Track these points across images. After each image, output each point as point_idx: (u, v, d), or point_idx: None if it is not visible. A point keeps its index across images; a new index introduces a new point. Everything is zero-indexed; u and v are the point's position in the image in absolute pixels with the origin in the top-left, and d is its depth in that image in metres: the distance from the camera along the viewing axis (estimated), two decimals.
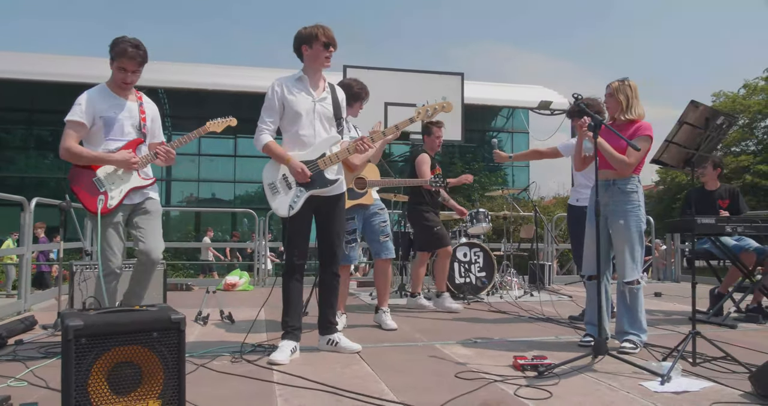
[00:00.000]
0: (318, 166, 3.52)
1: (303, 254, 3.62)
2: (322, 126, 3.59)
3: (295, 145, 3.57)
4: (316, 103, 3.58)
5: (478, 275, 6.42)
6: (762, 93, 27.56)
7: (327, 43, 3.49)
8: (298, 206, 3.50)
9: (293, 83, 3.60)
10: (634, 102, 3.74)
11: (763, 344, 3.98)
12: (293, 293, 3.59)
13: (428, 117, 3.72)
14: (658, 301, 6.62)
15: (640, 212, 3.71)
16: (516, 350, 3.72)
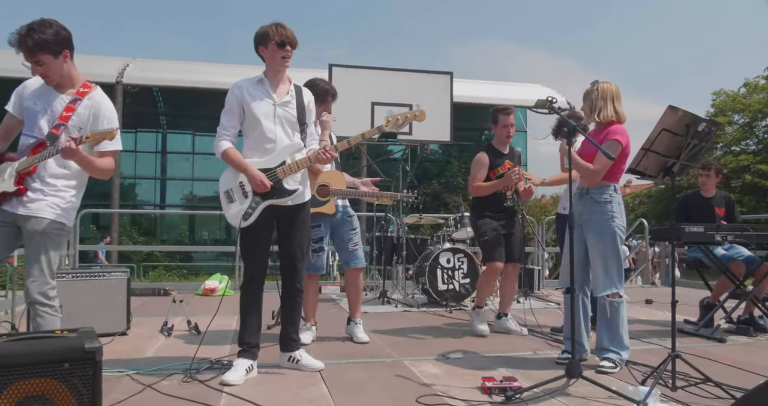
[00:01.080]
0: (276, 174, 3.30)
1: (262, 266, 3.41)
2: (284, 132, 3.37)
3: (254, 152, 3.35)
4: (277, 107, 3.36)
5: (461, 282, 6.20)
6: (762, 92, 27.30)
7: (282, 42, 3.26)
8: (253, 216, 3.29)
9: (253, 86, 3.37)
10: (602, 104, 3.54)
11: (751, 361, 3.76)
12: (251, 307, 3.38)
13: (398, 126, 3.49)
14: (648, 309, 6.41)
15: (614, 223, 3.48)
16: (489, 368, 3.52)
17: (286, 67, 3.35)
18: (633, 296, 7.43)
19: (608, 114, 3.53)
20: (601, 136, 3.49)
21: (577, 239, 3.62)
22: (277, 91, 3.38)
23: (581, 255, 3.62)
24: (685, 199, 5.50)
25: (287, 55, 3.29)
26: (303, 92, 3.48)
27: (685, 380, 3.16)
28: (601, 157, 3.37)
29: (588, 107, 3.60)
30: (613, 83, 3.62)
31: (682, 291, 7.87)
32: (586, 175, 3.48)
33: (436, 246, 6.47)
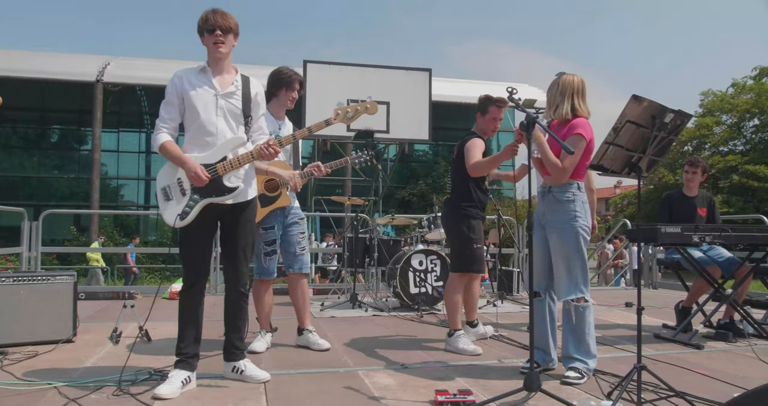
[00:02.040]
0: (216, 170, 3.06)
1: (202, 270, 3.16)
2: (227, 124, 3.11)
3: (195, 146, 3.10)
4: (219, 98, 3.11)
5: (434, 285, 5.96)
6: (750, 92, 27.24)
7: (211, 28, 3.03)
8: (190, 215, 3.04)
9: (195, 75, 3.13)
10: (559, 100, 3.31)
11: (727, 370, 3.55)
12: (189, 314, 3.14)
13: (348, 119, 3.25)
14: (627, 312, 6.19)
15: (577, 224, 3.25)
16: (447, 379, 3.29)
17: (221, 53, 3.09)
18: (614, 298, 7.24)
19: (564, 112, 3.29)
20: (564, 131, 3.27)
21: (542, 241, 3.40)
22: (220, 81, 3.14)
23: (546, 257, 3.40)
24: (669, 197, 5.29)
25: (218, 40, 3.04)
26: (251, 83, 3.23)
27: (655, 392, 2.94)
28: (567, 154, 3.14)
29: (548, 102, 3.37)
30: (579, 77, 3.37)
31: (666, 294, 7.71)
32: (554, 172, 3.25)
33: (407, 248, 6.23)
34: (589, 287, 3.32)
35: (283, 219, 4.04)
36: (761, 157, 25.25)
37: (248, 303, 3.34)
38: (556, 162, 3.18)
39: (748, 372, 3.51)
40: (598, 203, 31.03)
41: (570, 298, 3.26)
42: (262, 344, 3.99)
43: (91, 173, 18.86)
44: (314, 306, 6.16)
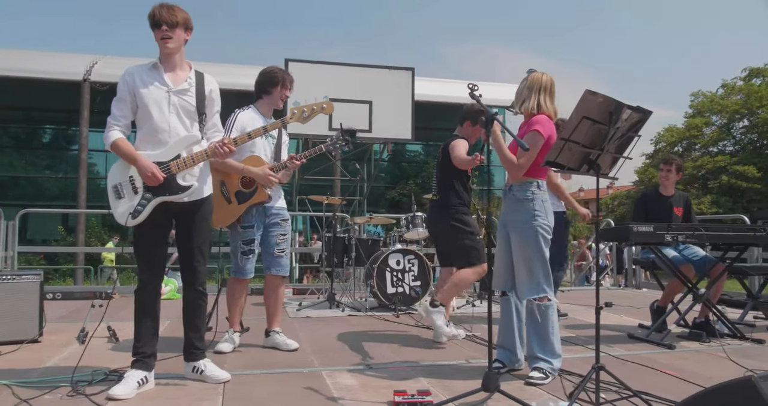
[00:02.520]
0: (170, 169, 3.01)
1: (156, 269, 3.12)
2: (180, 122, 3.06)
3: (147, 144, 3.05)
4: (171, 95, 3.05)
5: (411, 285, 5.93)
6: (740, 93, 27.34)
7: (157, 23, 2.98)
8: (142, 214, 2.99)
9: (147, 72, 3.07)
10: (526, 94, 3.31)
11: (696, 370, 3.52)
12: (144, 313, 3.09)
13: (304, 119, 3.21)
14: (605, 312, 6.15)
15: (536, 223, 3.22)
16: (410, 379, 3.26)
17: (169, 49, 3.03)
18: (593, 298, 7.20)
19: (530, 106, 3.29)
20: (525, 128, 3.25)
21: (506, 240, 3.37)
22: (172, 78, 3.08)
23: (510, 256, 3.37)
24: (645, 196, 5.27)
25: (165, 35, 2.99)
26: (205, 80, 3.18)
27: (618, 392, 2.91)
28: (524, 151, 3.11)
29: (515, 97, 3.35)
30: (549, 76, 3.36)
31: (649, 294, 7.70)
32: (509, 169, 3.22)
33: (385, 248, 6.19)
34: (551, 286, 3.29)
35: (265, 219, 3.98)
36: (750, 158, 25.36)
37: (207, 302, 3.29)
38: (511, 158, 3.15)
39: (717, 372, 3.48)
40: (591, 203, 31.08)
41: (532, 297, 3.23)
42: (229, 344, 3.94)
43: (78, 173, 18.73)
44: (292, 306, 6.13)
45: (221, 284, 4.83)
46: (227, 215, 3.87)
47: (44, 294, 4.39)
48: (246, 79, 13.97)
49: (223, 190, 3.85)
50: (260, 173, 3.75)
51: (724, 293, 6.42)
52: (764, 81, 27.65)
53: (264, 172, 3.75)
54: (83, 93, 18.02)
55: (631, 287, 8.95)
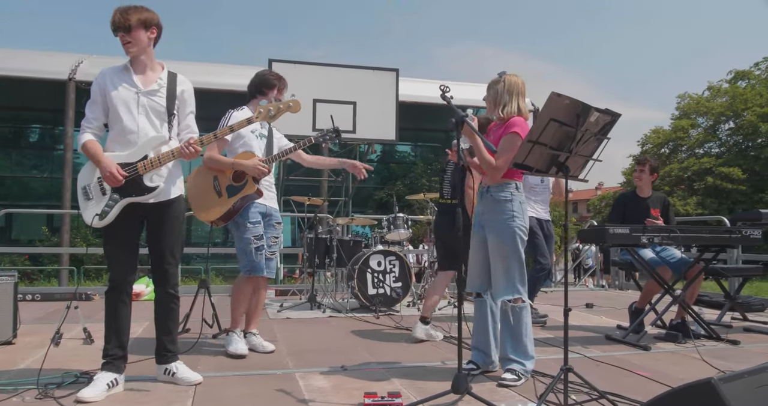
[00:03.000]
0: (137, 169, 2.99)
1: (126, 270, 3.07)
2: (149, 123, 3.04)
3: (117, 145, 3.04)
4: (141, 96, 3.04)
5: (393, 286, 5.92)
6: (725, 95, 27.58)
7: (113, 29, 2.97)
8: (110, 215, 2.97)
9: (117, 74, 3.06)
10: (507, 99, 3.31)
11: (669, 371, 3.54)
12: (115, 315, 3.05)
13: (270, 118, 3.19)
14: (586, 313, 6.20)
15: (514, 224, 3.23)
16: (385, 379, 3.26)
17: (131, 53, 3.02)
18: (576, 299, 7.23)
19: (512, 110, 3.31)
20: (501, 131, 3.27)
21: (482, 241, 3.37)
22: (142, 79, 3.07)
23: (487, 257, 3.38)
24: (622, 197, 5.30)
25: (124, 40, 2.98)
26: (177, 80, 3.16)
27: (588, 394, 2.92)
28: (503, 152, 3.13)
29: (492, 100, 3.35)
30: (521, 77, 3.38)
31: (631, 295, 7.74)
32: (488, 171, 3.23)
33: (366, 249, 6.18)
34: (526, 288, 3.30)
35: (267, 217, 4.04)
36: (735, 160, 25.59)
37: (179, 305, 3.26)
38: (489, 160, 3.16)
39: (690, 373, 3.50)
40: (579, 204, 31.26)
41: (506, 298, 3.24)
42: (243, 345, 3.91)
43: (63, 173, 18.58)
44: (273, 307, 6.11)
45: (200, 285, 4.83)
46: (217, 208, 3.85)
47: (18, 295, 4.34)
48: (229, 78, 13.91)
49: (215, 184, 3.87)
50: (250, 164, 3.75)
51: (703, 294, 6.47)
52: (749, 84, 27.95)
53: (253, 163, 3.76)
54: (68, 92, 17.89)
55: (614, 287, 9.00)
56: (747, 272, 5.66)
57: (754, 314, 5.88)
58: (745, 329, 5.09)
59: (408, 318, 5.46)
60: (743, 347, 4.34)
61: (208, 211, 3.85)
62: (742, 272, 5.67)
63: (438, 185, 4.52)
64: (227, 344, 3.90)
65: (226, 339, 3.95)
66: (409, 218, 6.34)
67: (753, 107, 25.62)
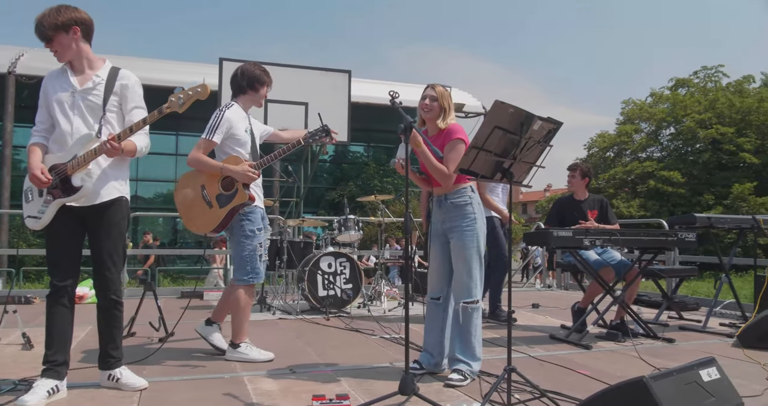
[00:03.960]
0: (66, 170, 2.93)
1: (66, 274, 2.98)
2: (84, 123, 2.98)
3: (55, 146, 3.00)
4: (76, 96, 2.97)
5: (343, 288, 5.94)
6: (667, 102, 28.65)
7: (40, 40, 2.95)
8: (44, 217, 2.92)
9: (57, 76, 3.02)
10: (447, 109, 3.42)
11: (608, 370, 3.68)
12: (55, 321, 2.97)
13: (180, 106, 3.02)
14: (533, 313, 6.36)
15: (477, 226, 3.34)
16: (334, 381, 3.28)
17: (63, 60, 2.99)
18: (523, 300, 7.41)
19: (449, 120, 3.43)
20: (442, 139, 3.37)
21: (441, 249, 3.44)
22: (79, 78, 3.01)
23: (446, 263, 3.45)
24: (559, 202, 5.48)
25: (52, 50, 2.94)
26: (119, 75, 3.06)
27: (532, 393, 3.01)
28: (452, 159, 3.20)
29: (438, 110, 3.42)
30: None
31: (575, 295, 7.97)
32: (441, 179, 3.30)
33: (317, 251, 6.18)
34: (481, 289, 3.39)
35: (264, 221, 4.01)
36: (675, 164, 26.61)
37: (122, 310, 3.17)
38: (441, 168, 3.23)
39: (628, 371, 3.64)
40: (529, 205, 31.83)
41: (468, 300, 3.31)
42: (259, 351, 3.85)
43: (2, 170, 17.86)
44: None
45: (146, 288, 4.73)
46: (210, 220, 3.74)
47: None
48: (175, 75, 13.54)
49: (204, 194, 3.76)
50: (239, 170, 3.65)
51: (642, 294, 6.75)
52: (689, 91, 29.13)
53: (243, 169, 3.65)
54: (8, 86, 17.18)
55: (560, 288, 9.24)
56: (683, 272, 5.92)
57: (690, 313, 6.17)
58: (681, 328, 5.32)
59: (358, 320, 5.50)
60: (678, 345, 4.55)
61: (200, 223, 3.76)
62: (679, 272, 5.92)
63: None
64: (245, 356, 3.79)
65: (240, 353, 3.82)
66: (360, 219, 6.37)
67: (692, 114, 26.70)
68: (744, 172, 25.48)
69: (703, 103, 27.10)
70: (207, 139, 3.69)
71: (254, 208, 3.82)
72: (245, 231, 3.77)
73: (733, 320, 5.61)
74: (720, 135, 25.43)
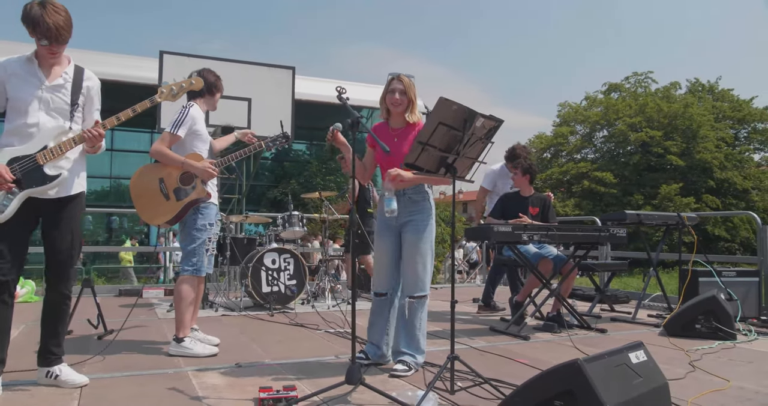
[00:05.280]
0: (35, 160, 2.85)
1: (11, 267, 2.87)
2: (50, 118, 2.92)
3: (14, 137, 2.89)
4: (44, 90, 2.90)
5: (287, 284, 5.94)
6: (600, 105, 29.77)
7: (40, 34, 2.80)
8: (10, 209, 2.81)
9: (21, 65, 2.91)
10: (414, 101, 3.45)
11: (545, 358, 3.84)
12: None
13: (173, 97, 3.17)
14: (473, 307, 6.53)
15: (432, 221, 3.44)
16: (280, 375, 3.30)
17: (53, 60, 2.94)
18: (464, 295, 7.59)
19: (418, 111, 3.50)
20: (410, 132, 3.42)
21: (392, 244, 3.49)
22: (47, 72, 2.94)
23: (395, 259, 3.50)
24: (506, 196, 5.64)
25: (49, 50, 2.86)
26: (84, 75, 3.05)
27: (473, 380, 3.12)
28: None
29: (406, 103, 3.43)
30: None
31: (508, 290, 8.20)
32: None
33: (260, 247, 6.15)
34: (429, 283, 3.47)
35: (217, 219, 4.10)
36: (608, 165, 27.72)
37: (70, 306, 3.14)
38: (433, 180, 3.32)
39: (564, 359, 3.78)
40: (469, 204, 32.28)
41: (419, 294, 3.39)
42: (204, 344, 3.90)
43: None
44: (162, 307, 5.94)
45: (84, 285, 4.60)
46: (165, 211, 3.81)
47: None
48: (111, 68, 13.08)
49: (162, 187, 3.80)
50: (199, 166, 3.76)
51: (576, 288, 7.02)
52: (621, 96, 30.38)
53: (203, 166, 3.76)
54: None
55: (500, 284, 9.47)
56: (614, 267, 6.21)
57: (620, 305, 6.47)
58: (612, 319, 5.60)
59: (302, 315, 5.52)
60: (610, 335, 4.78)
61: (155, 214, 3.82)
62: (611, 267, 6.21)
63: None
64: (189, 351, 3.76)
65: (184, 347, 3.78)
66: (304, 215, 6.37)
67: (623, 118, 27.89)
68: (671, 173, 26.79)
69: (634, 107, 28.33)
70: (172, 133, 3.76)
71: (209, 204, 3.94)
72: (197, 225, 3.87)
73: (660, 311, 5.94)
74: (649, 138, 26.65)
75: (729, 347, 4.30)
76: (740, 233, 25.50)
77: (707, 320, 4.64)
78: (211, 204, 3.97)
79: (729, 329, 4.55)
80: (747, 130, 30.39)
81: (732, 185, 26.95)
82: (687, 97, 29.46)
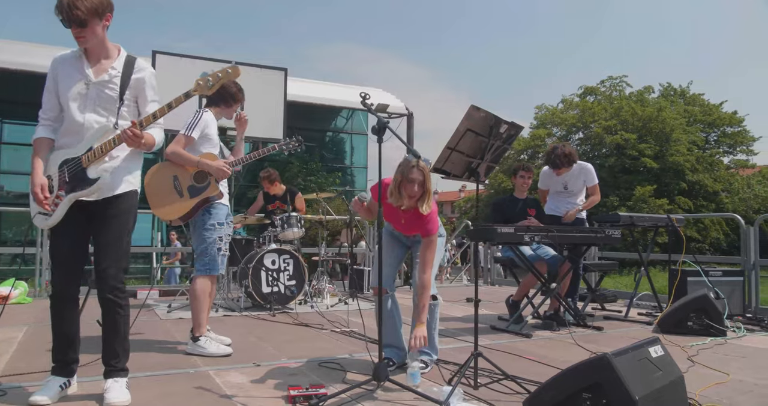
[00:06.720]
0: (81, 163, 2.81)
1: (66, 275, 2.84)
2: (97, 115, 2.84)
3: (65, 137, 2.85)
4: (90, 87, 2.82)
5: (287, 284, 5.99)
6: (576, 108, 30.24)
7: (64, 24, 2.73)
8: (57, 214, 2.78)
9: (69, 62, 2.85)
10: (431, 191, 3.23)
11: (551, 355, 3.97)
12: (57, 321, 2.86)
13: (209, 89, 2.99)
14: (467, 307, 6.66)
15: (442, 239, 3.51)
16: (301, 373, 3.37)
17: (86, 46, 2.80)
18: (457, 295, 7.72)
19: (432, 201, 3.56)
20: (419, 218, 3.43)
21: (400, 248, 3.58)
22: (95, 68, 2.84)
23: (399, 257, 3.60)
24: (501, 201, 5.77)
25: (76, 34, 2.74)
26: (135, 66, 2.92)
27: (490, 376, 3.23)
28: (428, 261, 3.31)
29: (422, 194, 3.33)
30: None
31: (504, 290, 8.36)
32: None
33: (260, 249, 6.19)
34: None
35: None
36: None
37: (123, 314, 2.93)
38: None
39: (568, 356, 3.95)
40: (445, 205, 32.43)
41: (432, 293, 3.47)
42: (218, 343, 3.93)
43: None
44: (161, 308, 5.94)
45: (90, 285, 4.59)
46: (178, 208, 3.88)
47: None
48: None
49: (176, 184, 3.88)
50: (215, 165, 3.85)
51: None
52: (596, 99, 30.90)
53: (218, 165, 3.84)
54: None
55: (487, 284, 9.65)
56: (606, 267, 6.39)
57: (609, 304, 6.66)
58: (605, 317, 5.78)
59: (303, 315, 5.58)
60: (606, 332, 4.95)
61: (168, 210, 3.88)
62: (603, 267, 6.40)
63: None
64: (204, 350, 3.81)
65: (200, 347, 3.83)
66: (302, 217, 6.43)
67: (599, 120, 28.37)
68: (645, 175, 27.33)
69: (609, 111, 28.84)
70: (186, 135, 3.87)
71: (218, 204, 4.01)
72: (206, 224, 3.94)
73: (649, 309, 6.13)
74: (624, 141, 27.15)
75: (721, 343, 4.49)
76: (710, 233, 26.14)
77: (699, 317, 4.83)
78: (220, 204, 4.04)
79: (720, 326, 4.75)
80: (717, 134, 31.18)
81: (703, 187, 27.60)
82: (660, 100, 30.10)
